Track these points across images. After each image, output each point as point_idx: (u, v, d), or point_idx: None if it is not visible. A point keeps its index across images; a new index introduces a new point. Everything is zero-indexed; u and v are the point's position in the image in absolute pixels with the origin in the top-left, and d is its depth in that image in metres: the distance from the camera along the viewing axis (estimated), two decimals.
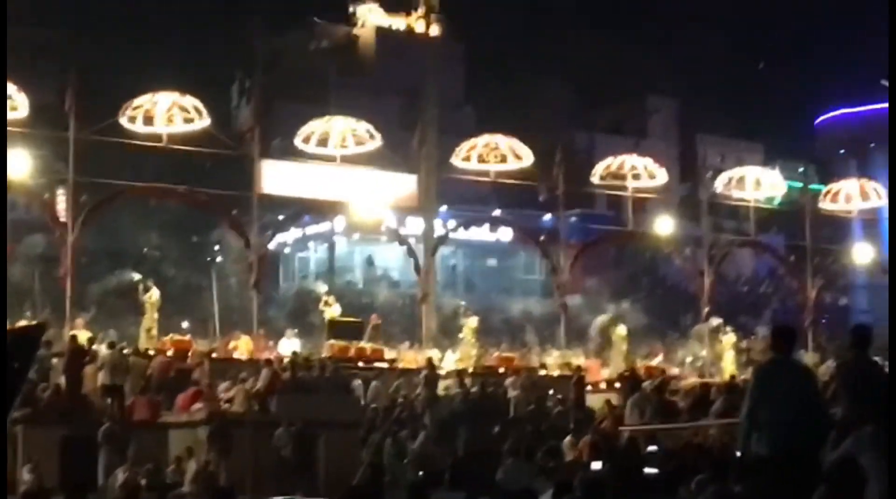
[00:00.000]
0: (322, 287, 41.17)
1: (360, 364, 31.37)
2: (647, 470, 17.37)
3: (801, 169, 49.54)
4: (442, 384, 29.44)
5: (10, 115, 29.42)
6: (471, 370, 31.30)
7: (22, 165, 29.32)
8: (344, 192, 34.63)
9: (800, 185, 44.03)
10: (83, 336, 27.76)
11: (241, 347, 30.77)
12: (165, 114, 30.84)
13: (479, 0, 56.50)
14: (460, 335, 33.61)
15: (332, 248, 51.88)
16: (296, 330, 33.46)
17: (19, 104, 29.39)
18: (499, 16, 60.46)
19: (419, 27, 53.87)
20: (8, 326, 19.41)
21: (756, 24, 64.18)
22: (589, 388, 30.35)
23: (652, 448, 21.61)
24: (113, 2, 54.35)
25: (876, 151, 54.15)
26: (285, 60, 51.90)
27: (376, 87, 51.42)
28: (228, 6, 55.78)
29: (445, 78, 49.82)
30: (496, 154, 35.72)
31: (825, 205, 40.08)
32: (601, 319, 37.33)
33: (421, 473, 22.30)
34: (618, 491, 12.57)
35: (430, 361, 30.34)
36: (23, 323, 26.39)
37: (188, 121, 31.18)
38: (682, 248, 38.30)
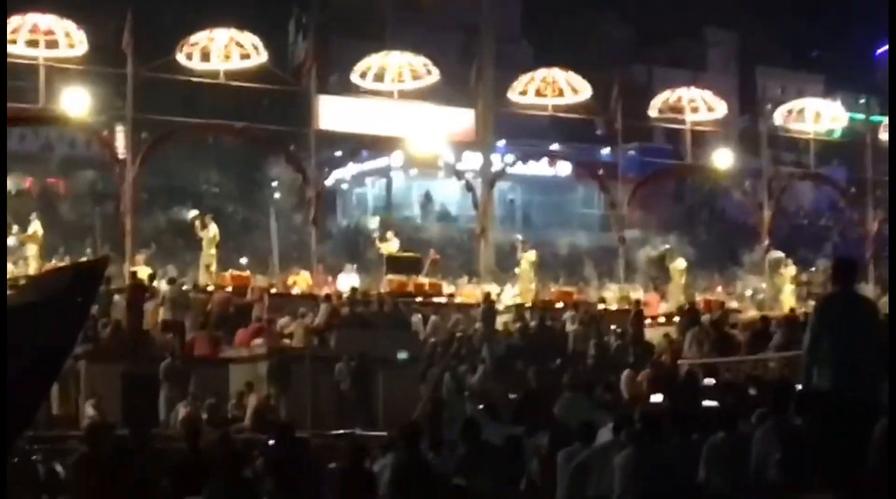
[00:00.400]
0: (377, 222, 40.85)
1: (419, 299, 30.95)
2: (706, 403, 17.35)
3: (862, 100, 49.30)
4: (500, 319, 29.06)
5: (69, 53, 29.41)
6: (529, 305, 30.88)
7: (81, 102, 29.25)
8: (401, 127, 34.29)
9: (861, 116, 43.71)
10: (143, 272, 27.55)
11: (300, 282, 30.55)
12: (223, 50, 30.64)
13: None
14: (518, 270, 33.14)
15: (389, 183, 51.85)
16: (354, 265, 33.44)
17: (77, 42, 29.32)
18: None
19: None
20: (68, 262, 20.59)
21: None
22: (648, 322, 29.97)
23: (710, 381, 21.58)
24: None
25: None
26: None
27: (434, 23, 51.31)
28: None
29: (502, 13, 49.42)
30: (553, 88, 35.27)
31: (887, 135, 39.39)
32: (647, 251, 36.72)
33: (480, 407, 21.00)
34: (676, 424, 12.37)
35: (487, 295, 29.93)
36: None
37: (245, 57, 31.03)
38: (741, 181, 38.08)
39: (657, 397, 20.61)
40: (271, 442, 14.38)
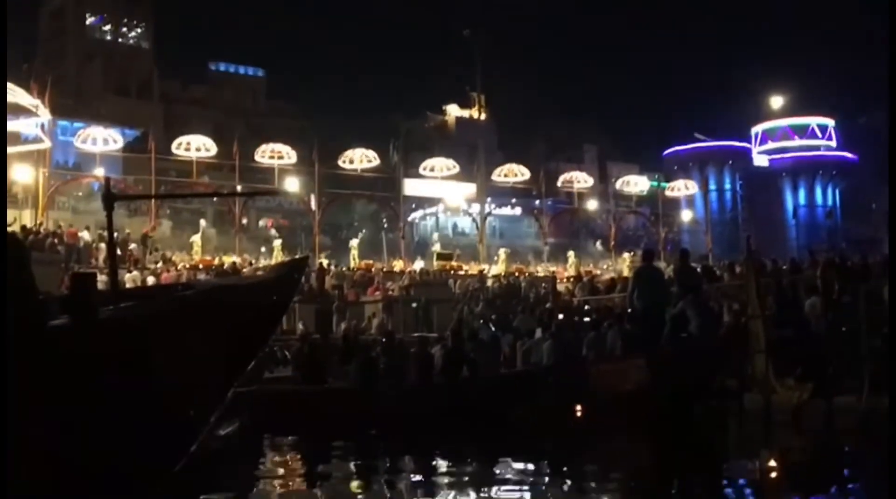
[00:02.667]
0: (434, 238, 46.93)
1: (452, 272, 36.07)
2: (585, 319, 18.23)
3: (656, 176, 57.49)
4: (489, 282, 32.95)
5: (287, 161, 37.55)
6: (503, 274, 35.62)
7: (293, 184, 38.00)
8: (442, 193, 44.83)
9: (655, 183, 52.39)
10: (324, 262, 32.88)
11: (396, 265, 36.85)
12: (359, 158, 40.04)
13: (505, 94, 67.93)
14: (496, 259, 39.16)
15: (437, 219, 57.21)
16: (418, 258, 39.59)
17: (290, 155, 37.70)
18: (517, 104, 73.40)
19: (475, 115, 66.45)
20: (288, 258, 25.01)
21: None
22: (558, 281, 32.54)
23: (587, 308, 21.71)
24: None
25: (692, 169, 65.77)
26: (412, 132, 58.80)
27: (454, 142, 59.77)
28: (386, 104, 70.35)
29: (487, 138, 62.78)
30: (512, 173, 44.84)
31: (669, 194, 49.76)
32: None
33: (481, 322, 23.09)
34: (571, 328, 15.74)
35: (482, 270, 35.77)
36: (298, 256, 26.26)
37: (369, 161, 40.31)
38: (601, 215, 47.44)
39: (561, 316, 19.41)
40: (383, 340, 16.08)
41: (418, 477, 8.77)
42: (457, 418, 11.72)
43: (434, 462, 9.70)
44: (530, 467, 9.13)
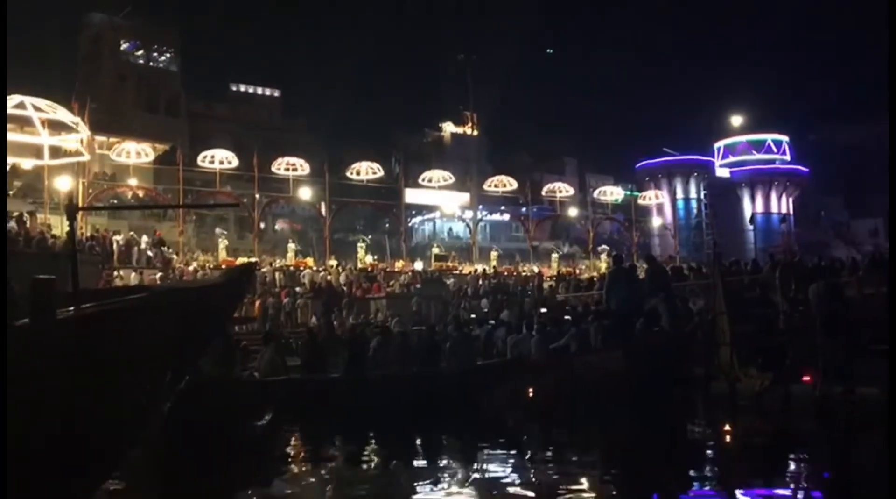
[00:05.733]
0: (433, 243, 45.63)
1: (448, 272, 36.49)
2: (566, 318, 17.23)
3: (629, 186, 56.70)
4: (480, 280, 33.41)
5: (301, 173, 37.19)
6: (493, 273, 35.91)
7: (306, 193, 37.97)
8: (439, 201, 44.43)
9: (629, 193, 51.86)
10: (334, 263, 34.36)
11: (398, 265, 36.56)
12: (366, 169, 40.65)
13: (494, 112, 68.76)
14: (491, 259, 39.56)
15: (434, 225, 56.74)
16: (418, 259, 39.27)
17: (303, 167, 37.30)
18: (505, 121, 73.58)
19: (468, 131, 65.60)
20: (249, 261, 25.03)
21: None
22: (545, 279, 34.25)
23: (568, 307, 21.38)
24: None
25: (662, 180, 66.28)
26: (412, 146, 57.83)
27: (451, 157, 58.24)
28: (388, 121, 69.88)
29: (479, 152, 62.82)
30: (501, 183, 45.53)
31: (641, 202, 50.39)
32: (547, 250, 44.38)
33: (472, 316, 23.95)
34: (555, 323, 15.46)
35: (475, 270, 36.43)
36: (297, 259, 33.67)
37: (374, 173, 40.83)
38: (580, 221, 47.59)
39: (544, 309, 20.85)
40: (378, 332, 16.16)
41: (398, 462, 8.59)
42: (433, 404, 11.47)
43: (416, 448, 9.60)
44: (513, 451, 9.05)
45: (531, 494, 6.64)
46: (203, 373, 9.54)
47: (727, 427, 10.69)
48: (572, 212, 46.66)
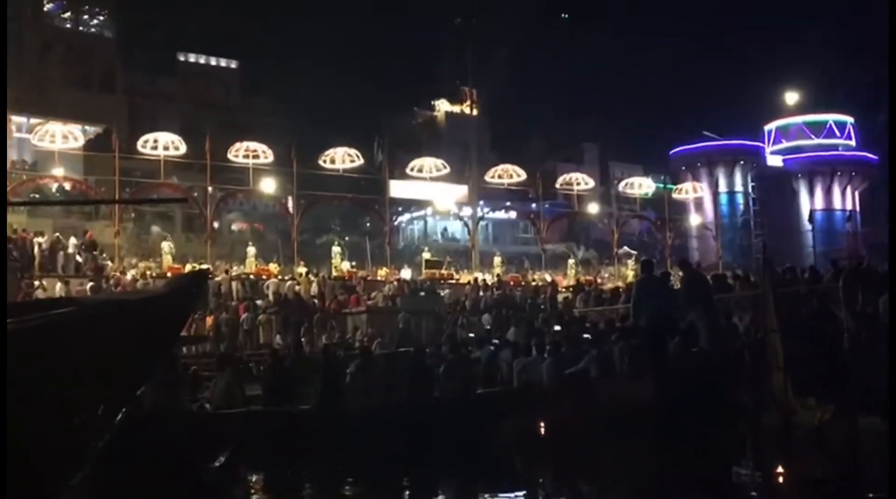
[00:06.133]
0: (424, 246, 46.82)
1: (442, 281, 36.56)
2: (585, 336, 17.30)
3: (661, 177, 59.00)
4: (481, 292, 32.37)
5: (264, 160, 36.74)
6: (496, 283, 35.12)
7: (270, 185, 38.38)
8: (431, 195, 44.52)
9: (661, 186, 53.19)
10: (303, 270, 34.16)
11: (381, 273, 36.58)
12: (341, 157, 39.84)
13: (498, 89, 67.04)
14: (494, 266, 40.32)
15: (426, 223, 58.27)
16: (406, 266, 39.66)
17: (267, 155, 37.39)
18: (510, 99, 72.61)
19: (467, 110, 66.38)
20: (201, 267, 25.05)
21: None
22: (560, 290, 34.12)
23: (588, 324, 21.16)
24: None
25: (701, 170, 67.00)
26: (398, 129, 59.68)
27: (446, 142, 59.30)
28: (370, 99, 67.38)
29: (481, 136, 63.53)
30: (507, 174, 44.55)
31: (676, 196, 50.72)
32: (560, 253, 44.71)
33: (471, 335, 23.79)
34: (570, 344, 15.54)
35: (475, 279, 35.44)
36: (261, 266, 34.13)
37: (352, 161, 40.26)
38: (602, 219, 47.76)
39: (558, 327, 21.16)
40: (359, 356, 16.27)
41: None
42: (424, 442, 11.63)
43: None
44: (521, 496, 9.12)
45: None
46: (144, 405, 9.65)
47: (780, 470, 10.43)
48: (592, 208, 46.74)
